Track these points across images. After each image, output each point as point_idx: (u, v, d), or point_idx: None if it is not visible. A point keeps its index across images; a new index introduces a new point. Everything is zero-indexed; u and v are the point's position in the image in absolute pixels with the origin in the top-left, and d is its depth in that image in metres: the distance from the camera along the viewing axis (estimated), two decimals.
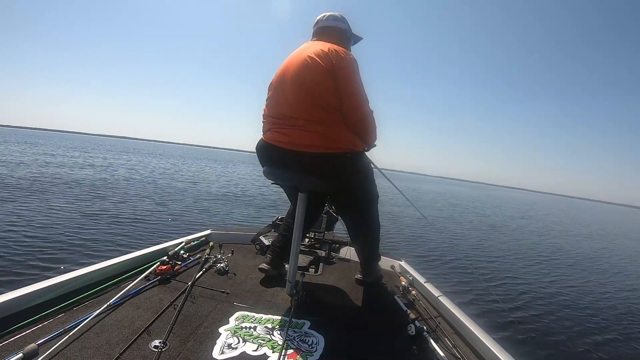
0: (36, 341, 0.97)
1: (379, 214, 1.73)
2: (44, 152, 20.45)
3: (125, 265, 1.56)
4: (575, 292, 5.02)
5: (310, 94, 1.43)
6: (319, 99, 1.43)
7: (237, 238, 2.30)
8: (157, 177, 13.50)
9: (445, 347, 1.23)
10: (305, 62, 1.46)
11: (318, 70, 1.43)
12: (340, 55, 1.45)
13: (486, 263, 5.99)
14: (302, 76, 1.46)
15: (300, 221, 1.49)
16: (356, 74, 1.49)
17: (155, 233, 5.12)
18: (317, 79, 1.43)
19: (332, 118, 1.44)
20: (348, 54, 1.50)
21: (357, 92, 1.47)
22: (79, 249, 3.94)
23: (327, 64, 1.42)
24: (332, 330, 1.26)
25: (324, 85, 1.43)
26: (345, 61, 1.46)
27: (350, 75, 1.46)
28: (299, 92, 1.46)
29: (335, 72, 1.42)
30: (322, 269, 1.97)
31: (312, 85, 1.43)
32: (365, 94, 1.51)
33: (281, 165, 1.49)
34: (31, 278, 2.95)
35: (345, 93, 1.44)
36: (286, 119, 1.48)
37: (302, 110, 1.44)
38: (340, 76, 1.43)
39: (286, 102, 1.50)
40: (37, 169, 11.30)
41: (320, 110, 1.43)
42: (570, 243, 10.55)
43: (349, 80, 1.45)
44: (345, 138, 1.46)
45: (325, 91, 1.43)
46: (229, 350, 1.08)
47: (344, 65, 1.44)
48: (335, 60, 1.43)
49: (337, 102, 1.44)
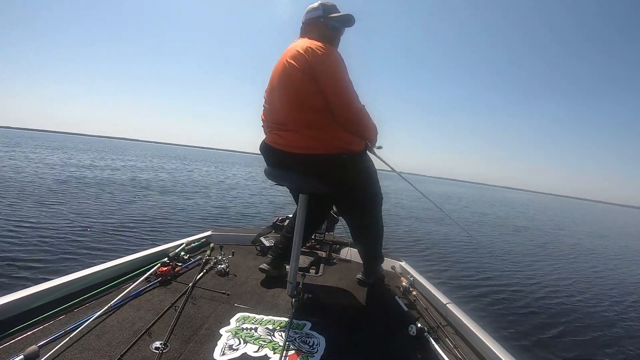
0: (37, 343, 0.97)
1: (382, 216, 1.68)
2: (41, 153, 20.46)
3: (126, 266, 1.56)
4: (576, 292, 5.01)
5: (294, 101, 1.40)
6: (305, 104, 1.38)
7: (238, 239, 2.30)
8: (157, 179, 13.50)
9: (447, 348, 1.23)
10: (285, 67, 1.41)
11: (296, 74, 1.37)
12: (316, 54, 1.36)
13: (486, 263, 5.98)
14: (284, 84, 1.43)
15: (301, 222, 1.49)
16: (337, 70, 1.38)
17: (155, 234, 5.12)
18: (297, 83, 1.38)
19: (323, 120, 1.39)
20: (325, 49, 1.38)
21: (341, 90, 1.38)
22: (79, 250, 3.94)
23: (303, 65, 1.36)
24: (333, 331, 1.26)
25: (306, 89, 1.37)
26: (322, 58, 1.36)
27: (330, 73, 1.37)
28: (285, 100, 1.44)
29: (314, 73, 1.35)
30: (323, 269, 1.97)
31: (294, 91, 1.39)
32: (351, 89, 1.41)
33: (281, 166, 1.50)
34: (32, 280, 2.95)
35: (329, 92, 1.36)
36: (281, 125, 1.47)
37: (292, 117, 1.43)
38: (319, 76, 1.35)
39: (277, 110, 1.50)
40: (36, 171, 11.31)
41: (310, 114, 1.39)
42: (570, 242, 10.54)
43: (329, 78, 1.36)
44: (339, 139, 1.41)
45: (307, 95, 1.37)
46: (230, 351, 1.08)
47: (322, 64, 1.36)
48: (312, 60, 1.35)
49: (324, 104, 1.38)
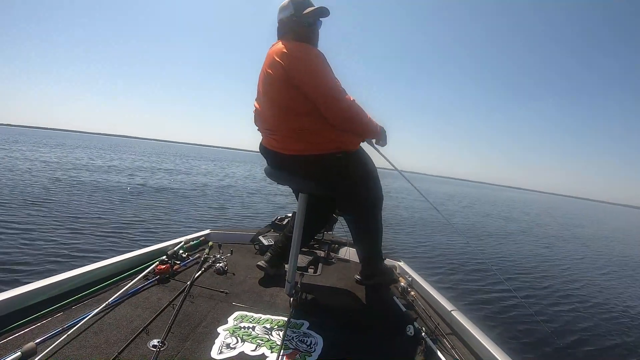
0: (35, 340, 0.96)
1: (381, 216, 1.67)
2: (38, 150, 20.42)
3: (124, 264, 1.56)
4: (577, 291, 5.01)
5: (280, 108, 1.39)
6: (290, 110, 1.37)
7: (236, 238, 2.31)
8: (156, 177, 13.49)
9: (444, 348, 1.23)
10: (265, 76, 1.41)
11: (275, 81, 1.36)
12: (290, 57, 1.32)
13: (486, 264, 5.99)
14: (267, 91, 1.43)
15: (300, 220, 1.49)
16: (315, 70, 1.33)
17: (154, 232, 5.11)
18: (280, 91, 1.36)
19: (312, 122, 1.37)
20: (300, 51, 1.34)
21: (324, 88, 1.33)
22: (78, 247, 3.94)
23: (280, 72, 1.33)
24: (330, 331, 1.26)
25: (287, 94, 1.34)
26: (297, 60, 1.32)
27: (308, 73, 1.32)
28: (270, 107, 1.44)
29: (292, 78, 1.32)
30: (322, 269, 1.97)
31: (277, 97, 1.39)
32: (336, 85, 1.35)
33: (279, 167, 1.51)
34: (30, 277, 2.95)
35: (312, 95, 1.33)
36: (272, 130, 1.48)
37: (280, 124, 1.43)
38: (298, 80, 1.32)
39: (265, 117, 1.50)
40: (35, 169, 11.29)
41: (298, 119, 1.37)
42: (570, 242, 10.55)
43: (310, 80, 1.32)
44: (330, 139, 1.40)
45: (291, 101, 1.35)
46: (228, 350, 1.08)
47: (298, 67, 1.32)
48: (287, 65, 1.31)
49: (310, 107, 1.35)
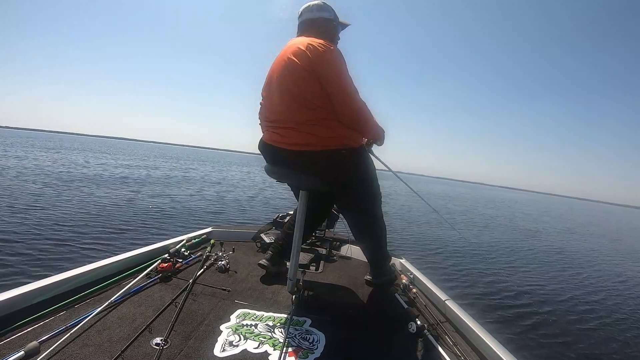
0: (38, 339, 0.97)
1: (382, 214, 1.67)
2: (38, 153, 20.46)
3: (127, 262, 1.57)
4: (577, 291, 5.02)
5: (295, 98, 1.40)
6: (305, 102, 1.38)
7: (238, 236, 2.31)
8: (159, 177, 13.50)
9: (446, 345, 1.23)
10: (286, 64, 1.42)
11: (298, 72, 1.37)
12: (318, 51, 1.37)
13: (486, 263, 5.99)
14: (285, 81, 1.42)
15: (301, 218, 1.49)
16: (338, 67, 1.40)
17: (156, 231, 5.13)
18: (299, 82, 1.38)
19: (323, 117, 1.39)
20: (328, 47, 1.40)
21: (342, 87, 1.39)
22: (80, 246, 3.95)
23: (305, 63, 1.36)
24: (332, 328, 1.26)
25: (307, 86, 1.37)
26: (325, 56, 1.37)
27: (332, 71, 1.38)
28: (285, 97, 1.43)
29: (315, 70, 1.36)
30: (323, 266, 1.97)
31: (295, 88, 1.39)
32: (352, 87, 1.43)
33: (280, 163, 1.50)
34: (32, 277, 2.96)
35: (331, 90, 1.38)
36: (279, 122, 1.47)
37: (291, 115, 1.42)
38: (321, 73, 1.36)
39: (275, 108, 1.49)
40: (37, 169, 11.31)
41: (308, 111, 1.39)
42: (569, 242, 10.54)
43: (332, 76, 1.38)
44: (337, 134, 1.42)
45: (309, 93, 1.38)
46: (230, 347, 1.08)
47: (324, 61, 1.37)
48: (314, 57, 1.36)
49: (324, 101, 1.39)
